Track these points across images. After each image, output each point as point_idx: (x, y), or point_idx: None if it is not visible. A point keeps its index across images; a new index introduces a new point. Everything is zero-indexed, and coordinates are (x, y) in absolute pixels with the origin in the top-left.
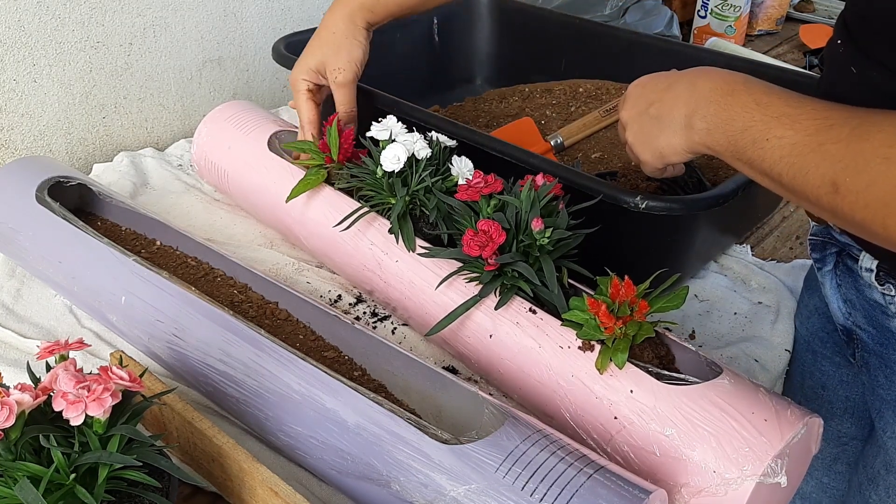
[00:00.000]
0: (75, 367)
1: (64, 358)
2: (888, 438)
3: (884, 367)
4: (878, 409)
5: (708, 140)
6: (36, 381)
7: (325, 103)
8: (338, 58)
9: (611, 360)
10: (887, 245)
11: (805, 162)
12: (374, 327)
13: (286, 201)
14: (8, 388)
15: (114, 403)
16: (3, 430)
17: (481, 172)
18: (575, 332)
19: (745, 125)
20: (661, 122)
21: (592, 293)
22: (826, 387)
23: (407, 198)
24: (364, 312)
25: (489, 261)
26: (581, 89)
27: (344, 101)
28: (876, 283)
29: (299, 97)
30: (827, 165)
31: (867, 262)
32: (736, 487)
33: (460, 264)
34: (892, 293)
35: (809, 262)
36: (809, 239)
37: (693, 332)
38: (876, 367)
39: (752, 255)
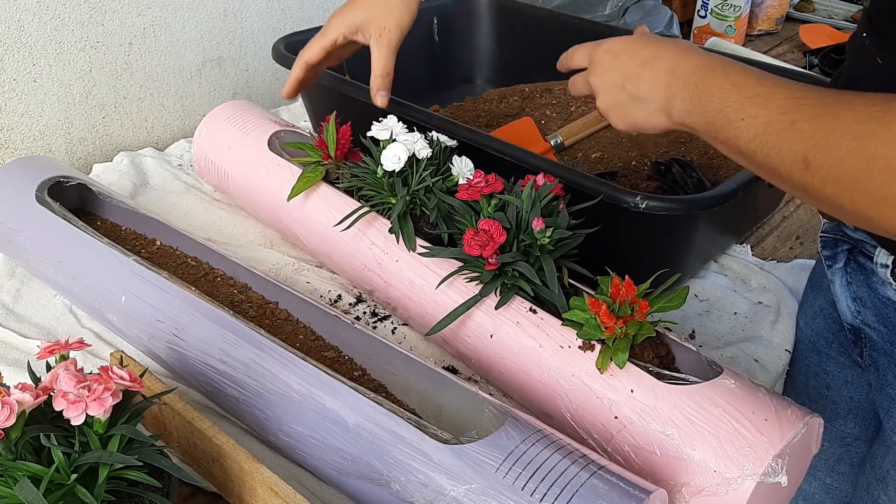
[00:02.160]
0: (76, 366)
1: (64, 358)
2: None
3: (893, 366)
4: (887, 409)
5: (687, 120)
6: (36, 380)
7: (325, 103)
8: (386, 19)
9: (611, 359)
10: (854, 222)
11: (778, 140)
12: (375, 327)
13: (287, 199)
14: (8, 387)
15: (114, 403)
16: (3, 430)
17: (482, 172)
18: (575, 331)
19: (721, 106)
20: (640, 101)
21: (593, 293)
22: (830, 387)
23: (407, 197)
24: (364, 312)
25: (490, 260)
26: None
27: (383, 64)
28: (891, 280)
29: (321, 41)
30: (799, 143)
31: (883, 258)
32: (736, 487)
33: (461, 264)
34: None
35: (810, 261)
36: (820, 236)
37: (693, 331)
38: (885, 366)
39: (752, 254)
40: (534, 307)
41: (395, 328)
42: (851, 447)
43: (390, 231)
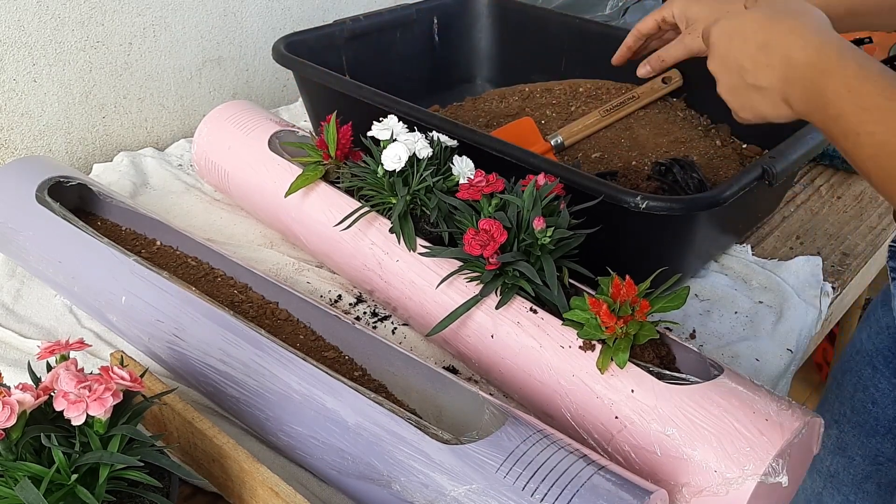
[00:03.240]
0: (76, 367)
1: (65, 358)
2: None
3: None
4: None
5: (804, 111)
6: (37, 381)
7: (325, 103)
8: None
9: (612, 359)
10: None
11: (893, 165)
12: (375, 327)
13: (285, 196)
14: (9, 387)
15: (115, 403)
16: (4, 430)
17: (483, 172)
18: (576, 331)
19: (837, 113)
20: (761, 90)
21: (593, 293)
22: (877, 403)
23: (408, 197)
24: (364, 312)
25: (490, 260)
26: (581, 89)
27: (672, 54)
28: None
29: (656, 14)
30: None
31: None
32: (737, 487)
33: (461, 263)
34: None
35: (814, 258)
36: (889, 245)
37: (694, 331)
38: None
39: (753, 254)
40: (534, 307)
41: (396, 328)
42: (883, 467)
43: (391, 231)
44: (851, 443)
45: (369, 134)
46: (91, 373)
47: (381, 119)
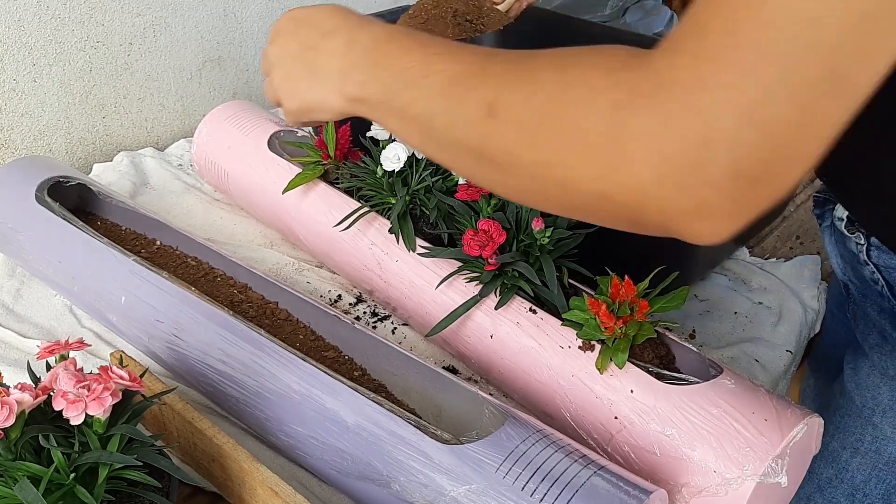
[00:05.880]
0: (75, 366)
1: (64, 358)
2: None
3: (863, 316)
4: (853, 362)
5: (362, 93)
6: (36, 380)
7: None
8: None
9: (611, 359)
10: (525, 181)
11: (462, 89)
12: (374, 327)
13: (283, 192)
14: (8, 387)
15: (114, 403)
16: (3, 430)
17: None
18: (575, 331)
19: (403, 66)
20: (316, 74)
21: (593, 293)
22: (836, 346)
23: (407, 197)
24: (364, 312)
25: (489, 260)
26: None
27: None
28: (846, 232)
29: None
30: (486, 88)
31: (840, 211)
32: (736, 487)
33: (460, 264)
34: (861, 241)
35: (812, 257)
36: (814, 196)
37: (693, 331)
38: (859, 316)
39: (752, 255)
40: (533, 307)
41: (395, 328)
42: None
43: (390, 231)
44: (826, 388)
45: (368, 134)
46: (91, 373)
47: None
